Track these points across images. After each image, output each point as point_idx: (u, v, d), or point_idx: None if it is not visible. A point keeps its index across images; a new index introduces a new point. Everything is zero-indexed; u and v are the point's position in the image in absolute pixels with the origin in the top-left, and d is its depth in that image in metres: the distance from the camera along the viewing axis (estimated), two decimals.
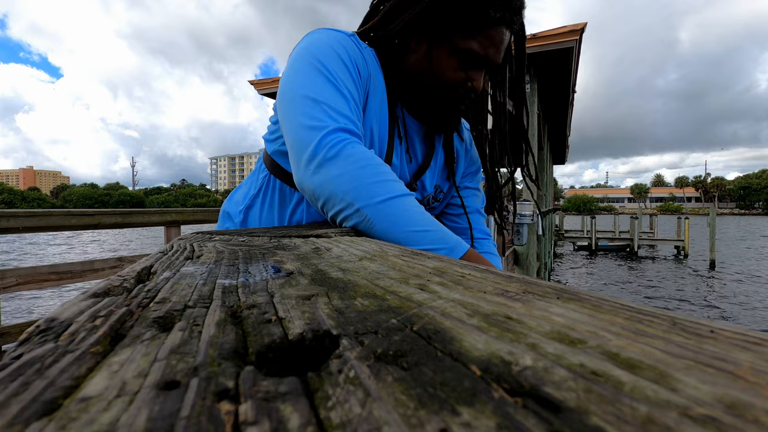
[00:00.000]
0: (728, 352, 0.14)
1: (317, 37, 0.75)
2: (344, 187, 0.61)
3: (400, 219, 0.60)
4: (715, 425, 0.10)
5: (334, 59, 0.72)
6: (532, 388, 0.12)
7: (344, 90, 0.70)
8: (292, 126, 0.68)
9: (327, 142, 0.63)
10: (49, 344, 0.15)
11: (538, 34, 4.36)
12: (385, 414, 0.10)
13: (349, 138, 0.64)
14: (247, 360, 0.14)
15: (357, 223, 0.62)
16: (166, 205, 66.95)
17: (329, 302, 0.21)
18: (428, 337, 0.16)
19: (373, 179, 0.61)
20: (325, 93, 0.68)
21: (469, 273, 0.29)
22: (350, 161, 0.62)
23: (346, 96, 0.70)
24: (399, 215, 0.60)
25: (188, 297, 0.23)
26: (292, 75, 0.72)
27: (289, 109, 0.70)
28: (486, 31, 0.74)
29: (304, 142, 0.65)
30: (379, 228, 0.60)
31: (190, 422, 0.10)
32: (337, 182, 0.61)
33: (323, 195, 0.63)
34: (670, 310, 0.19)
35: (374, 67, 0.80)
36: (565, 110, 6.98)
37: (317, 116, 0.65)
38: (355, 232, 0.62)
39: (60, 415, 0.11)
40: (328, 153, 0.62)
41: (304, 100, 0.68)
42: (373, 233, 0.61)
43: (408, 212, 0.61)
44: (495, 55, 0.77)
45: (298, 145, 0.66)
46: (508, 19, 0.75)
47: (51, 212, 1.99)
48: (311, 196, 0.66)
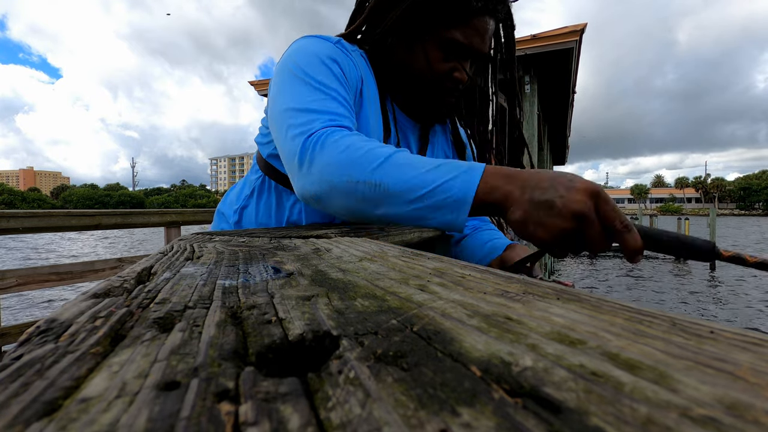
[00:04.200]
0: (728, 352, 0.14)
1: (301, 45, 0.76)
2: (339, 171, 0.58)
3: (409, 167, 0.56)
4: (715, 426, 0.10)
5: (317, 65, 0.71)
6: (532, 389, 0.12)
7: (329, 92, 0.69)
8: (281, 141, 0.68)
9: (311, 141, 0.62)
10: (49, 345, 0.15)
11: (539, 34, 4.36)
12: (385, 414, 0.10)
13: (330, 129, 0.63)
14: (248, 360, 0.14)
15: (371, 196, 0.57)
16: (167, 206, 66.88)
17: (329, 303, 0.21)
18: (428, 338, 0.16)
19: (362, 152, 0.58)
20: (308, 99, 0.67)
21: (469, 273, 0.29)
22: (334, 147, 0.60)
23: (332, 96, 0.69)
24: (405, 165, 0.57)
25: (188, 298, 0.23)
26: (276, 90, 0.72)
27: (276, 126, 0.70)
28: (469, 21, 0.75)
29: (292, 151, 0.64)
30: (392, 183, 0.55)
31: (191, 423, 0.10)
32: (330, 170, 0.59)
33: (325, 189, 0.60)
34: (670, 310, 0.19)
35: (364, 68, 0.80)
36: (565, 111, 6.98)
37: (301, 123, 0.65)
38: (354, 232, 0.62)
39: (60, 415, 0.11)
40: (313, 150, 0.61)
41: (288, 113, 0.67)
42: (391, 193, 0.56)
43: (411, 160, 0.58)
44: (480, 45, 0.78)
45: (289, 155, 0.65)
46: (491, 8, 0.76)
47: (51, 213, 1.99)
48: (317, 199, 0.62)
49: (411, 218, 0.57)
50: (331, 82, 0.70)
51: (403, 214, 0.57)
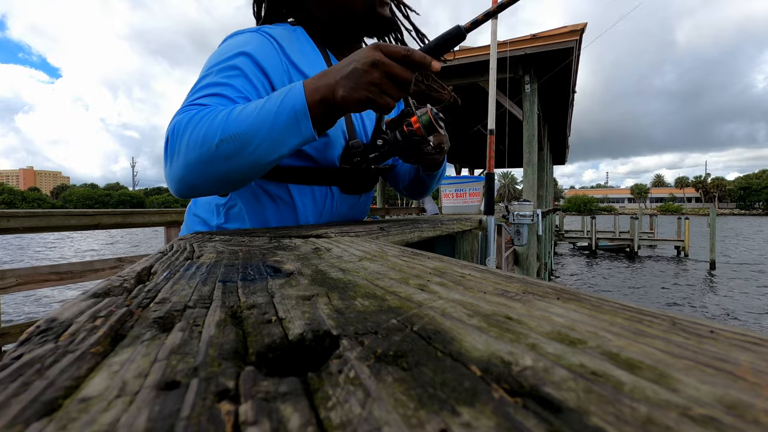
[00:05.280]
0: (728, 352, 0.14)
1: (216, 51, 0.77)
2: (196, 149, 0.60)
3: (247, 112, 0.60)
4: (715, 426, 0.10)
5: (214, 61, 0.72)
6: (532, 389, 0.12)
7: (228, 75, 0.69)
8: None
9: (166, 135, 0.63)
10: (49, 344, 0.15)
11: (538, 34, 4.36)
12: (385, 414, 0.10)
13: (180, 114, 0.63)
14: (248, 360, 0.14)
15: (232, 149, 0.59)
16: (167, 206, 66.64)
17: (329, 302, 0.21)
18: (428, 338, 0.16)
19: (205, 122, 0.60)
20: (192, 91, 0.68)
21: (469, 273, 0.29)
22: (180, 133, 0.61)
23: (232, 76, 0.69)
24: (244, 112, 0.60)
25: (188, 297, 0.23)
26: None
27: None
28: None
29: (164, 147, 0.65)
30: (244, 128, 0.59)
31: (190, 422, 0.10)
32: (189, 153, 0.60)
33: (193, 173, 0.61)
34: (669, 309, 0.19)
35: (294, 37, 0.82)
36: (565, 110, 6.98)
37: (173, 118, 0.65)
38: (354, 232, 0.62)
39: (60, 415, 0.11)
40: (165, 144, 0.63)
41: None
42: (247, 137, 0.59)
43: (246, 106, 0.61)
44: None
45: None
46: None
47: (51, 212, 1.99)
48: (188, 187, 0.63)
49: (272, 149, 0.60)
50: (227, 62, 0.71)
51: (265, 148, 0.60)
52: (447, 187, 3.47)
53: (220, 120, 0.59)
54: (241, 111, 0.60)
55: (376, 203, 8.46)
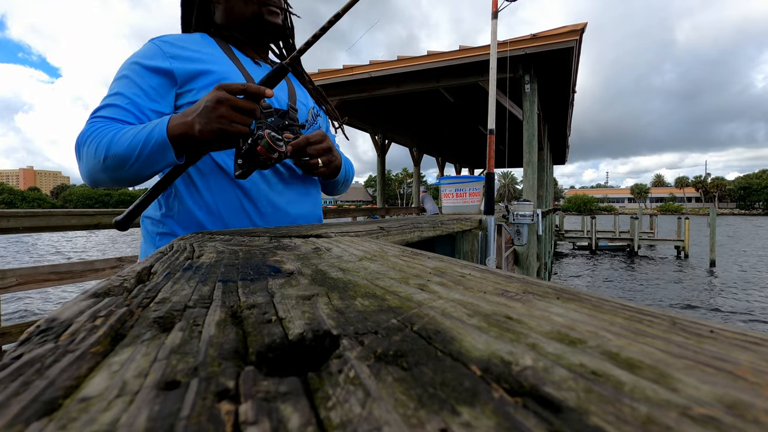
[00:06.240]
0: (728, 352, 0.14)
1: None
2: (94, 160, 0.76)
3: (126, 138, 0.74)
4: (715, 425, 0.10)
5: (117, 74, 0.86)
6: (532, 388, 0.12)
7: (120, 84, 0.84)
8: None
9: (75, 142, 0.80)
10: (49, 344, 0.15)
11: (538, 34, 4.36)
12: (385, 414, 0.10)
13: (86, 125, 0.79)
14: (248, 360, 0.14)
15: (115, 164, 0.75)
16: None
17: (329, 302, 0.21)
18: (428, 337, 0.16)
19: (97, 141, 0.76)
20: (99, 106, 0.83)
21: (469, 273, 0.29)
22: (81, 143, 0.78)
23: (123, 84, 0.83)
24: (123, 137, 0.74)
25: (188, 297, 0.23)
26: None
27: None
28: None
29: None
30: (122, 150, 0.74)
31: (190, 422, 0.10)
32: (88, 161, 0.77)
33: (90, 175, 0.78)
34: (670, 309, 0.19)
35: (192, 39, 0.93)
36: (566, 110, 6.98)
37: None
38: (354, 232, 0.62)
39: (60, 415, 0.11)
40: (75, 149, 0.79)
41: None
42: (124, 156, 0.74)
43: (126, 132, 0.75)
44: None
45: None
46: None
47: (51, 212, 1.99)
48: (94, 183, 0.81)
49: (146, 167, 0.75)
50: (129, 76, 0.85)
51: (140, 167, 0.75)
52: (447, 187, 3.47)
53: (107, 140, 0.75)
54: (123, 134, 0.75)
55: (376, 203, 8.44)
